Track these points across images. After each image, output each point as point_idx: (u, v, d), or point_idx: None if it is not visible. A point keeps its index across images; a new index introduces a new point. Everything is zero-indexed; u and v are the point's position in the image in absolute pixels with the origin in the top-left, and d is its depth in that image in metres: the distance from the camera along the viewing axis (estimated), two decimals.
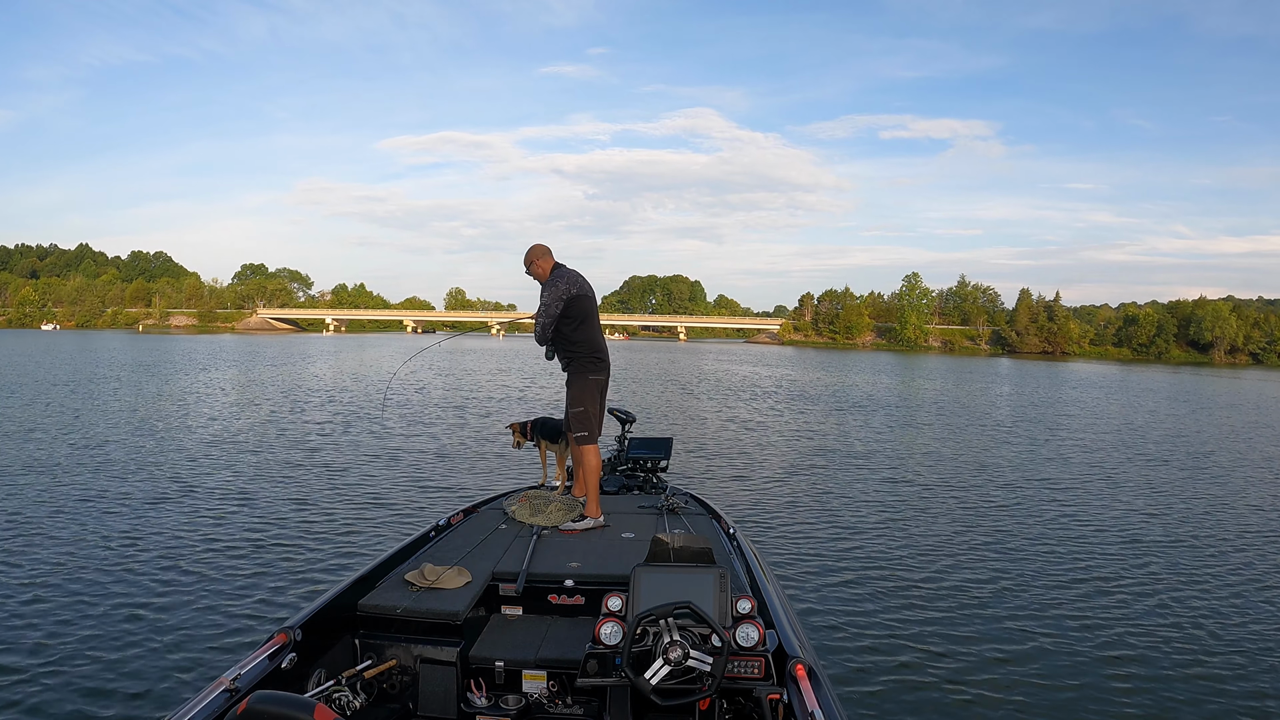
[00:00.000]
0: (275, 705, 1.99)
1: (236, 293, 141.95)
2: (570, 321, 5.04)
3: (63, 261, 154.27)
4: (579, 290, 5.05)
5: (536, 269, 5.14)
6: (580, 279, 5.11)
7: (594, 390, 5.17)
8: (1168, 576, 7.46)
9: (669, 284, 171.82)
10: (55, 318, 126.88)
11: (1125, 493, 11.59)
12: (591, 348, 5.14)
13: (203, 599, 6.15)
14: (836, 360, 65.64)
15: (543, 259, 5.13)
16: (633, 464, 6.22)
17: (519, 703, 3.31)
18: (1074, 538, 8.76)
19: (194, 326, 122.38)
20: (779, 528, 8.78)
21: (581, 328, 5.08)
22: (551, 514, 4.81)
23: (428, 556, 3.96)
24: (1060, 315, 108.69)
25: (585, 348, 5.12)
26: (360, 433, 15.63)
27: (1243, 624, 6.27)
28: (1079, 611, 6.41)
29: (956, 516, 9.62)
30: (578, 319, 5.05)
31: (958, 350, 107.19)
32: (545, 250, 5.17)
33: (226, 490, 10.07)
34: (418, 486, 10.57)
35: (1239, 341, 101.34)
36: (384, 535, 8.01)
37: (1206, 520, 9.96)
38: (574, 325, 5.06)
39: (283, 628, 2.94)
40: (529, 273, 5.19)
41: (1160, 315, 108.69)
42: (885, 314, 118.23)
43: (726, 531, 4.57)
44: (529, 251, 5.16)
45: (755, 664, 2.78)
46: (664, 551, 3.17)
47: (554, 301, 4.97)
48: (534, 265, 5.15)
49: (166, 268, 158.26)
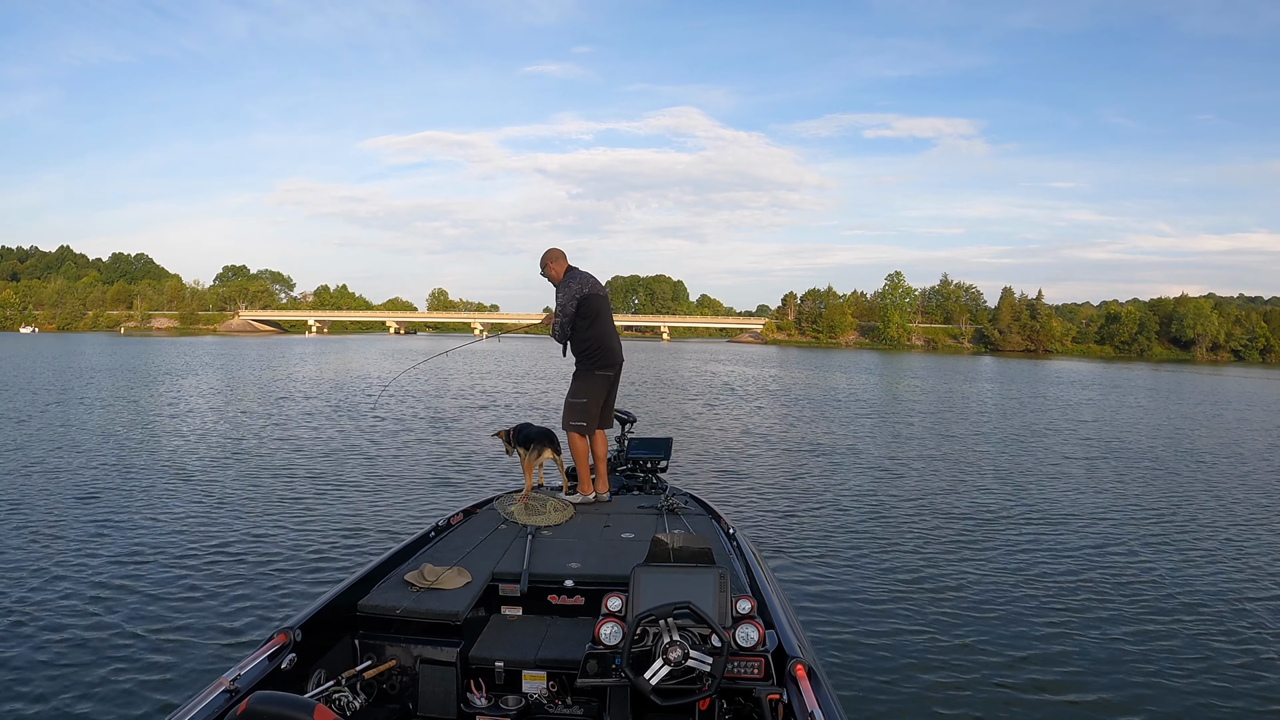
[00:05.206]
0: (275, 705, 1.99)
1: (218, 294, 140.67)
2: (583, 320, 5.37)
3: (43, 264, 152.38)
4: (590, 290, 5.37)
5: (550, 271, 5.48)
6: (592, 279, 5.43)
7: (599, 385, 5.49)
8: (1169, 573, 7.52)
9: (652, 284, 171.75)
10: (35, 320, 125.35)
11: (1125, 491, 11.68)
12: (601, 344, 5.46)
13: (202, 599, 6.12)
14: (821, 359, 65.86)
15: (556, 262, 5.47)
16: (632, 464, 6.24)
17: (519, 703, 3.31)
18: (1074, 536, 8.81)
19: (175, 329, 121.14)
20: (779, 528, 8.80)
21: (594, 325, 5.41)
22: (550, 515, 4.82)
23: (427, 557, 3.96)
24: (1043, 313, 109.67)
25: (595, 343, 5.45)
26: (360, 433, 15.55)
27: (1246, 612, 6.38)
28: (1079, 610, 6.44)
29: (956, 516, 9.67)
30: (590, 317, 5.39)
31: (941, 349, 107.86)
32: (560, 254, 5.49)
33: (225, 491, 10.00)
34: (417, 487, 10.54)
35: (1220, 339, 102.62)
36: (384, 536, 7.98)
37: (1207, 513, 10.10)
38: (586, 323, 5.40)
39: (282, 628, 2.94)
40: (544, 275, 5.51)
41: (1142, 313, 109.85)
42: (868, 313, 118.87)
43: (726, 531, 4.59)
44: (544, 256, 5.51)
45: (755, 664, 2.79)
46: (664, 552, 3.17)
47: (568, 301, 5.31)
48: (548, 268, 5.48)
49: (148, 270, 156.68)
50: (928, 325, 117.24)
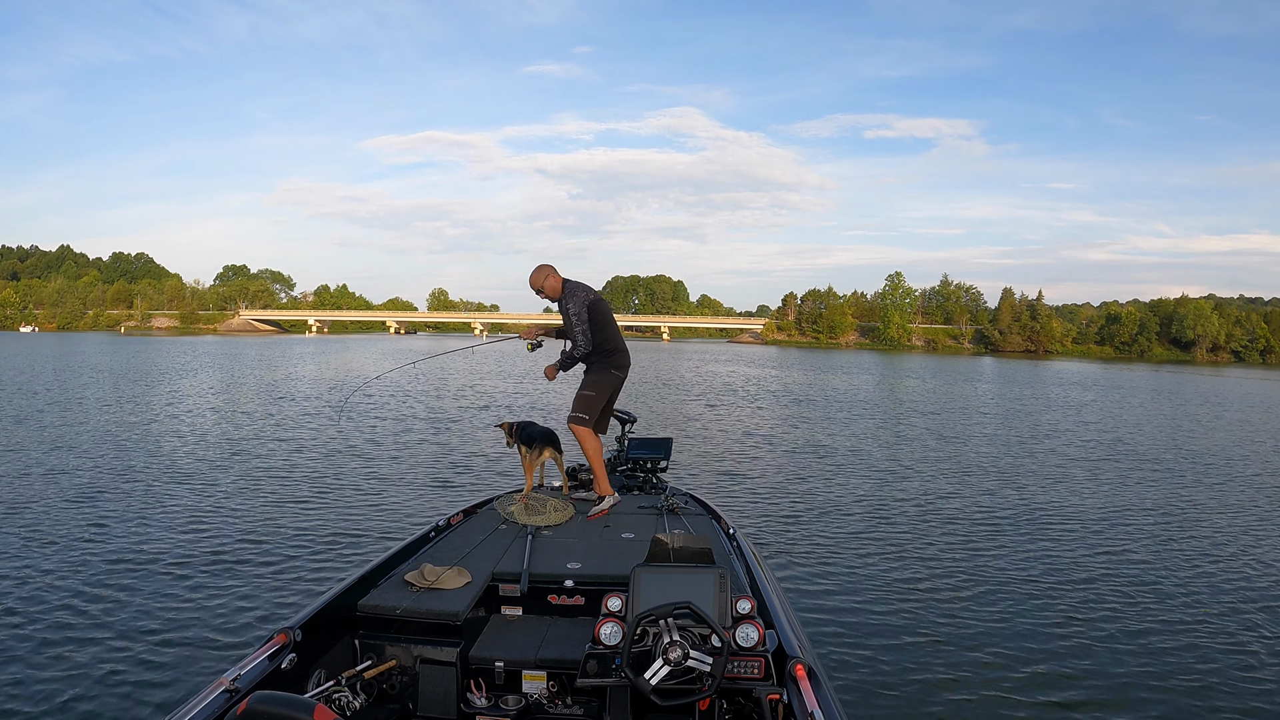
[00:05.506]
0: (275, 705, 1.99)
1: (218, 294, 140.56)
2: (596, 325, 5.36)
3: (44, 263, 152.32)
4: (596, 295, 5.38)
5: (547, 288, 5.41)
6: (589, 287, 5.42)
7: (611, 383, 5.49)
8: (1170, 573, 7.52)
9: (652, 284, 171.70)
10: (36, 319, 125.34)
11: (1127, 492, 11.67)
12: (617, 345, 5.50)
13: (202, 599, 6.11)
14: (821, 360, 65.84)
15: (552, 278, 5.41)
16: (632, 464, 6.23)
17: (519, 703, 3.31)
18: (1075, 537, 8.81)
19: (176, 328, 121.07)
20: (779, 528, 8.80)
21: (607, 328, 5.42)
22: (550, 515, 4.82)
23: (427, 557, 3.96)
24: (1043, 314, 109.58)
25: (612, 344, 5.47)
26: (360, 433, 15.53)
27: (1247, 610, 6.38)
28: (1080, 610, 6.44)
29: (956, 516, 9.67)
30: (599, 322, 5.37)
31: (941, 349, 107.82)
32: (551, 269, 5.44)
33: (225, 491, 10.00)
34: (417, 487, 10.54)
35: (1221, 340, 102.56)
36: (384, 536, 7.98)
37: (1211, 516, 10.09)
38: (599, 327, 5.38)
39: (282, 628, 2.94)
40: (540, 293, 5.43)
41: (1142, 314, 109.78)
42: (868, 313, 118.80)
43: (726, 532, 4.59)
44: (535, 274, 5.41)
45: (755, 664, 2.79)
46: (664, 552, 3.17)
47: (580, 310, 5.28)
48: (544, 285, 5.41)
49: (148, 269, 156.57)
50: (928, 326, 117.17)
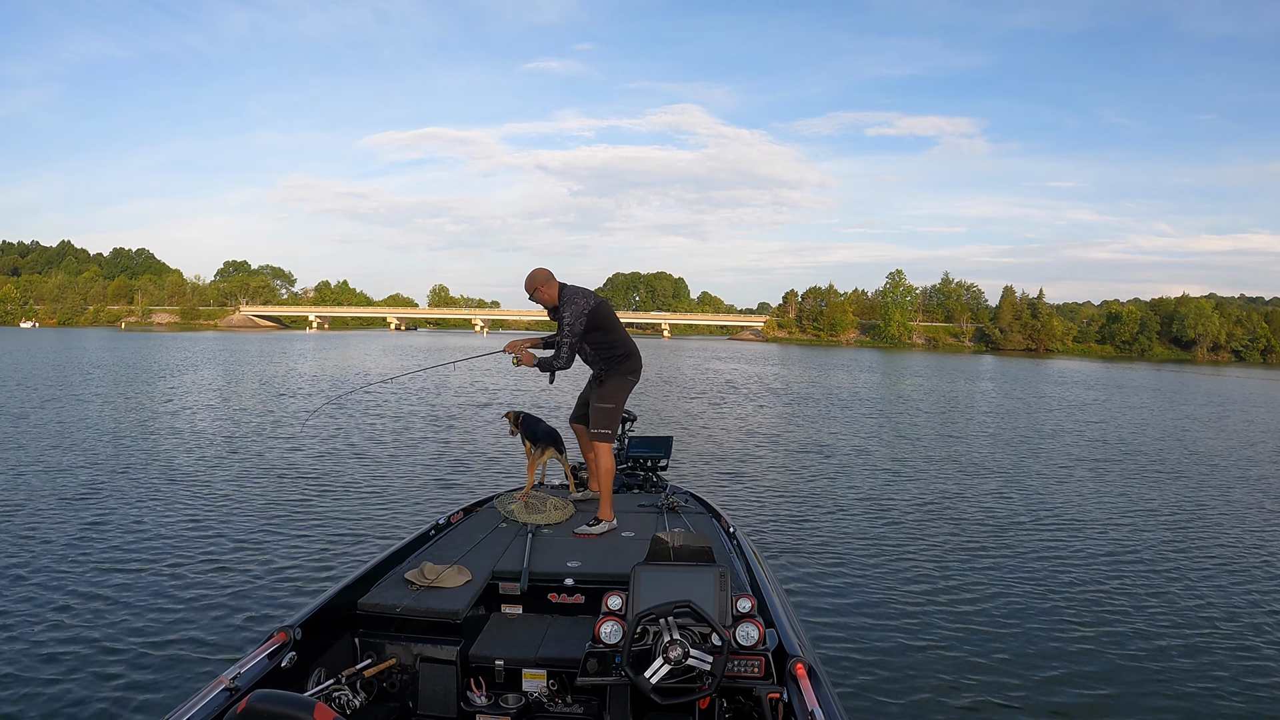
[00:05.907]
0: (275, 704, 1.98)
1: (219, 290, 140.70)
2: (602, 330, 5.08)
3: (44, 259, 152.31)
4: (597, 300, 5.07)
5: (544, 295, 5.05)
6: (589, 292, 5.11)
7: (627, 390, 5.25)
8: (1171, 574, 7.52)
9: (653, 281, 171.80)
10: (36, 315, 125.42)
11: (1129, 492, 11.66)
12: (630, 349, 5.22)
13: (202, 598, 6.11)
14: (822, 357, 65.82)
15: (548, 284, 5.04)
16: (633, 463, 6.21)
17: (519, 702, 3.31)
18: (1077, 536, 8.81)
19: (176, 324, 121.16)
20: (779, 526, 8.80)
21: (614, 331, 5.16)
22: (550, 513, 4.81)
23: (427, 555, 3.95)
24: (1044, 312, 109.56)
25: (624, 348, 5.19)
26: (359, 432, 15.52)
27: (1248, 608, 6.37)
28: (1081, 610, 6.44)
29: (957, 515, 9.67)
30: (607, 326, 5.10)
31: (941, 347, 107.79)
32: (548, 274, 5.06)
33: (224, 489, 9.99)
34: (417, 485, 10.53)
35: (1221, 339, 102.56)
36: (384, 534, 7.98)
37: (1215, 516, 10.09)
38: (605, 331, 5.11)
39: (282, 626, 2.93)
40: (536, 299, 5.10)
41: (1143, 312, 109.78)
42: (869, 311, 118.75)
43: (726, 530, 4.58)
44: (531, 278, 5.04)
45: (755, 663, 2.78)
46: (664, 550, 3.16)
47: (577, 319, 4.95)
48: (540, 292, 5.05)
49: (149, 265, 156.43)
50: (929, 324, 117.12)
